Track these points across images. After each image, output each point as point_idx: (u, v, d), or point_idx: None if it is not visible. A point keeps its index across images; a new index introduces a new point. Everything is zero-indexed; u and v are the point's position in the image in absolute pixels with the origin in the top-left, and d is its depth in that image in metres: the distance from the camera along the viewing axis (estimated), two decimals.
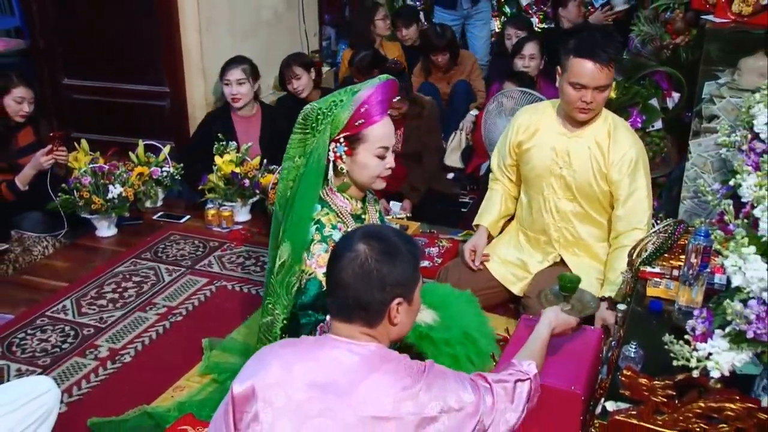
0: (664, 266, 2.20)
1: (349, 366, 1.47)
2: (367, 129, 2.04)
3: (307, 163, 2.07)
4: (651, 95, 3.74)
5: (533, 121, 2.81)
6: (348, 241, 1.54)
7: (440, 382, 1.49)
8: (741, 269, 1.46)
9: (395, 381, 1.45)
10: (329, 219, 2.05)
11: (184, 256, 3.47)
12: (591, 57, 2.50)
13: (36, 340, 2.80)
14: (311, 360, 1.49)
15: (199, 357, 2.66)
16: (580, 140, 2.70)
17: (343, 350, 1.49)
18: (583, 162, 2.69)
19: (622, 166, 2.64)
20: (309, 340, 1.60)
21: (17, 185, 3.50)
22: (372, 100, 2.01)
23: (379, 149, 2.06)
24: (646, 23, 3.87)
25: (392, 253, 1.52)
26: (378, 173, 2.10)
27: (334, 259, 1.53)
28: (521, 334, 2.37)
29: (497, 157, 3.01)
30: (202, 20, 4.21)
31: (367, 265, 1.49)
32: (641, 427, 1.60)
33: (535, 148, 2.79)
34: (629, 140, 2.68)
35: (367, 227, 1.64)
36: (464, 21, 5.45)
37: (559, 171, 2.74)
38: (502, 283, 2.90)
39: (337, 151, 2.06)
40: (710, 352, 1.49)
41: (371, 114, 2.02)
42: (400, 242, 1.55)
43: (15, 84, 3.52)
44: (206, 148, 3.79)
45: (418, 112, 3.92)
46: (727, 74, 3.16)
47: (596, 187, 2.70)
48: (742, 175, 1.72)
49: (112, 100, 4.42)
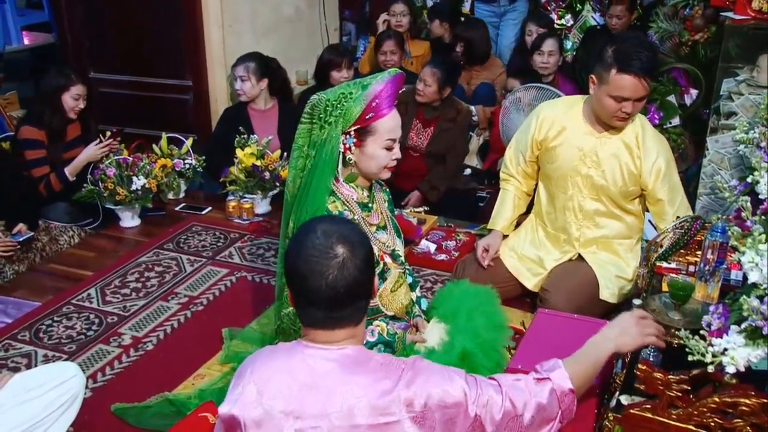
0: (681, 262, 2.21)
1: (325, 373, 1.40)
2: (377, 122, 2.06)
3: (320, 155, 2.08)
4: (669, 92, 3.74)
5: (559, 118, 2.80)
6: (318, 248, 1.40)
7: (423, 376, 1.41)
8: (758, 266, 1.47)
9: (373, 385, 1.39)
10: (336, 206, 2.08)
11: (206, 247, 3.52)
12: (634, 73, 2.48)
13: (62, 327, 2.87)
14: (286, 373, 1.42)
15: (219, 346, 2.70)
16: (608, 141, 2.70)
17: (318, 359, 1.42)
18: (612, 163, 2.69)
19: (656, 174, 2.66)
20: (283, 350, 1.48)
21: (66, 175, 3.60)
22: (383, 95, 2.04)
23: (388, 141, 2.09)
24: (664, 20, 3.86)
25: (360, 243, 1.44)
26: (385, 164, 2.13)
27: (309, 272, 1.39)
28: (537, 328, 2.39)
29: (514, 150, 2.99)
30: (225, 17, 4.27)
31: (351, 266, 1.39)
32: (655, 421, 1.61)
33: (561, 146, 2.78)
34: (656, 146, 2.68)
35: (312, 227, 1.45)
36: (500, 19, 5.40)
37: (587, 171, 2.73)
38: (517, 277, 2.91)
39: (346, 143, 2.08)
40: (726, 347, 1.49)
41: (381, 107, 2.05)
42: (352, 229, 1.47)
43: (74, 82, 3.62)
44: (227, 143, 3.84)
45: (453, 116, 3.91)
46: (746, 71, 3.15)
47: (623, 187, 2.71)
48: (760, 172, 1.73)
49: (137, 94, 4.50)
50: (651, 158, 2.65)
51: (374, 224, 2.16)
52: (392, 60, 4.51)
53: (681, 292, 1.92)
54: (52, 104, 3.60)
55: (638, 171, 2.67)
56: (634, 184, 2.71)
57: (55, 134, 3.65)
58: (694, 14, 3.74)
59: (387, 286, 2.13)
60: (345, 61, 4.24)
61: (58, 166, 3.62)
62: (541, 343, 2.30)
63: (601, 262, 2.80)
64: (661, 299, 2.00)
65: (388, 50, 4.53)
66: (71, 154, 3.67)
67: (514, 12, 5.32)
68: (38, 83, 3.59)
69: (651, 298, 2.03)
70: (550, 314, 2.47)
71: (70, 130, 3.73)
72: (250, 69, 3.95)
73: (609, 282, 2.76)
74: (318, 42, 5.03)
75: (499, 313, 2.26)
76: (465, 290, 2.30)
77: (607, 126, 2.69)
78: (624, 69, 2.48)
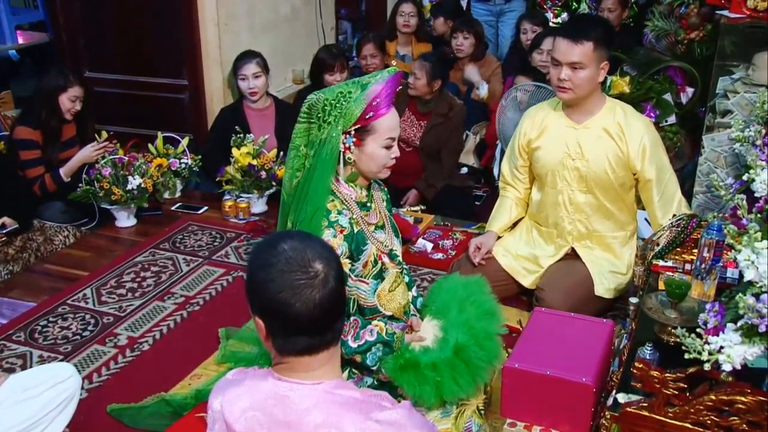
0: (677, 260, 2.21)
1: (301, 412, 1.29)
2: (376, 120, 2.05)
3: (319, 155, 2.05)
4: (665, 90, 3.74)
5: (539, 119, 2.86)
6: (297, 270, 1.28)
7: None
8: (754, 263, 1.47)
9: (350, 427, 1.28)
10: (334, 205, 2.06)
11: (202, 247, 3.52)
12: (561, 34, 2.63)
13: (57, 327, 2.86)
14: (258, 410, 1.32)
15: (216, 346, 2.70)
16: (588, 131, 2.73)
17: (294, 395, 1.31)
18: (596, 152, 2.72)
19: (642, 153, 2.69)
20: (253, 382, 1.37)
21: (62, 176, 3.59)
22: (383, 94, 2.03)
23: (387, 140, 2.08)
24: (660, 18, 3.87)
25: (330, 252, 1.35)
26: (385, 163, 2.12)
27: (293, 297, 1.27)
28: (534, 326, 2.40)
29: (508, 162, 3.05)
30: (221, 15, 4.26)
31: (332, 280, 1.29)
32: (652, 419, 1.61)
33: (545, 144, 2.82)
34: (641, 128, 2.71)
35: (277, 248, 1.33)
36: (497, 18, 5.41)
37: (573, 163, 2.76)
38: (513, 276, 2.92)
39: (346, 142, 2.07)
40: (722, 345, 1.49)
41: (381, 107, 2.04)
42: (315, 240, 1.38)
43: (72, 83, 3.61)
44: (223, 143, 3.83)
45: (445, 111, 3.92)
46: (742, 69, 3.16)
47: (611, 174, 2.73)
48: (755, 170, 1.74)
49: (133, 93, 4.48)
50: (636, 139, 2.68)
51: (373, 223, 2.15)
52: (373, 63, 4.50)
53: (677, 290, 1.93)
54: (48, 105, 3.59)
55: (625, 155, 2.70)
56: (622, 169, 2.72)
57: (51, 135, 3.64)
58: (689, 12, 3.75)
59: (385, 286, 2.13)
60: (338, 64, 4.17)
61: (53, 166, 3.61)
62: (537, 341, 2.30)
63: (595, 258, 2.81)
64: (658, 297, 2.01)
65: (368, 54, 4.53)
66: (66, 155, 3.66)
67: (512, 12, 5.33)
68: (23, 83, 3.57)
69: (647, 297, 2.03)
70: (547, 313, 2.48)
71: (65, 130, 3.72)
72: (261, 65, 3.94)
73: (603, 278, 2.77)
74: (314, 41, 5.03)
75: (490, 300, 2.22)
76: (454, 283, 2.28)
77: (582, 115, 2.74)
78: (558, 33, 2.67)
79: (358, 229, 2.06)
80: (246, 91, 3.96)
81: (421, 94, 3.88)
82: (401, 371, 2.02)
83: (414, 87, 3.88)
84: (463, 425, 2.05)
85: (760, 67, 3.10)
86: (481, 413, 2.11)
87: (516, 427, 2.21)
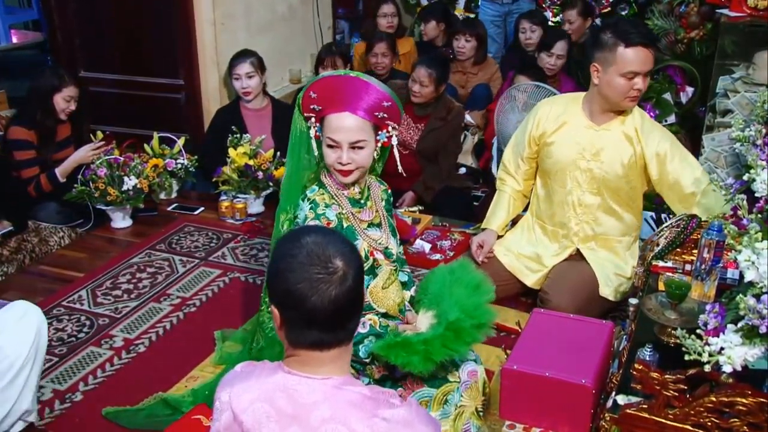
0: (677, 261, 2.20)
1: (309, 405, 1.31)
2: (325, 116, 2.06)
3: (292, 136, 2.19)
4: (665, 89, 3.73)
5: (558, 114, 2.79)
6: (317, 264, 1.29)
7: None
8: (754, 264, 1.47)
9: (358, 424, 1.29)
10: (323, 198, 2.08)
11: (198, 248, 3.50)
12: (642, 43, 2.50)
13: (52, 329, 2.83)
14: (266, 402, 1.33)
15: (212, 348, 2.68)
16: (608, 133, 2.70)
17: (302, 389, 1.32)
18: (612, 155, 2.69)
19: (662, 157, 2.64)
20: (263, 374, 1.39)
21: (57, 177, 3.58)
22: (317, 86, 2.04)
23: (328, 139, 2.06)
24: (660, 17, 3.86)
25: (351, 251, 1.36)
26: (331, 164, 2.08)
27: (311, 290, 1.28)
28: (533, 328, 2.38)
29: (512, 149, 2.99)
30: (217, 15, 4.24)
31: (350, 278, 1.31)
32: (652, 421, 1.60)
33: (559, 141, 2.78)
34: (658, 132, 2.68)
35: (299, 241, 1.34)
36: (505, 18, 5.38)
37: (586, 164, 2.73)
38: (516, 275, 2.90)
39: (317, 130, 2.12)
40: (722, 346, 1.49)
41: (323, 102, 2.05)
42: (339, 237, 1.39)
43: (67, 83, 3.60)
44: (220, 143, 3.82)
45: (443, 114, 3.89)
46: (742, 69, 3.16)
47: (624, 179, 2.70)
48: (756, 170, 1.72)
49: (128, 93, 4.46)
50: (653, 143, 2.65)
51: (366, 221, 2.15)
52: (383, 62, 4.48)
53: (677, 291, 1.92)
54: (43, 105, 3.57)
55: (641, 159, 2.66)
56: (636, 174, 2.69)
57: (46, 135, 3.63)
58: (689, 11, 3.74)
59: (378, 282, 2.12)
60: (328, 58, 4.19)
61: (48, 167, 3.60)
62: (536, 343, 2.29)
63: (599, 260, 2.79)
64: (658, 298, 2.00)
65: (380, 53, 4.50)
66: (61, 155, 3.64)
67: (519, 12, 5.29)
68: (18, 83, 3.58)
69: (647, 297, 2.02)
70: (546, 314, 2.46)
71: (60, 130, 3.71)
72: (255, 64, 3.92)
73: (608, 279, 2.75)
74: (312, 40, 5.01)
75: (477, 276, 2.18)
76: (440, 273, 2.26)
77: (606, 117, 2.69)
78: (630, 42, 2.50)
79: (347, 225, 2.08)
80: (240, 91, 3.95)
81: (426, 101, 3.85)
82: (389, 348, 1.97)
83: (420, 95, 3.80)
84: (461, 427, 2.04)
85: (760, 66, 3.09)
86: (479, 415, 2.10)
87: (515, 429, 2.20)
